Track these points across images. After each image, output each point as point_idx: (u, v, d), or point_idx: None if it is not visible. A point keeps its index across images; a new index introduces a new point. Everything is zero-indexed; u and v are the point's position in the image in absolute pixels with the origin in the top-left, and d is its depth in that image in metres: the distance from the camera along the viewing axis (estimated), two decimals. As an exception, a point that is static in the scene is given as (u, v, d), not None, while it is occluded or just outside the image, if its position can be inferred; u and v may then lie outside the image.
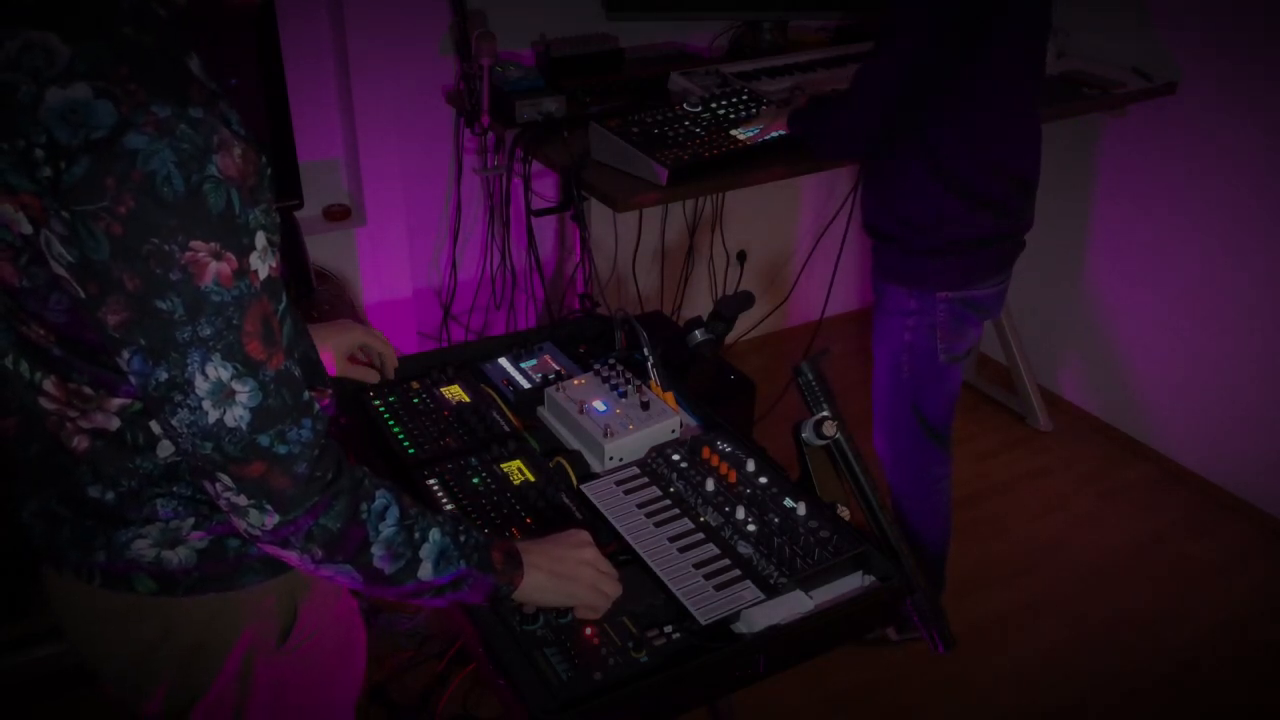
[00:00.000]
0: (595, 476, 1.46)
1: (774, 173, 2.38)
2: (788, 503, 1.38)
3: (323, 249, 2.67)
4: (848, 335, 3.72)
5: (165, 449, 1.06)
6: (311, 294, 2.48)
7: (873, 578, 1.31)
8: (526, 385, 1.68)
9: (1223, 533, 2.93)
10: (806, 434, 1.43)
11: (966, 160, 2.00)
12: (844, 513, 1.40)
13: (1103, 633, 2.57)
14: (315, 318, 2.44)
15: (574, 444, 1.54)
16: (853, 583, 1.31)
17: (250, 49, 2.33)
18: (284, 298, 1.01)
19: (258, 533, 1.00)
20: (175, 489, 1.08)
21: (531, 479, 1.44)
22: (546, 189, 3.02)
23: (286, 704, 1.24)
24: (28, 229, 0.90)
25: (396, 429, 1.56)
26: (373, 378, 1.62)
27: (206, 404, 0.93)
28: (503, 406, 1.62)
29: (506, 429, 1.57)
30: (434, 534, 1.09)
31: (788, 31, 3.09)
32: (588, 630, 1.21)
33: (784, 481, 1.43)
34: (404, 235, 2.81)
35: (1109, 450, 3.26)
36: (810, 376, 1.46)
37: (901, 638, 2.46)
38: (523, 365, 1.74)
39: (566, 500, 1.40)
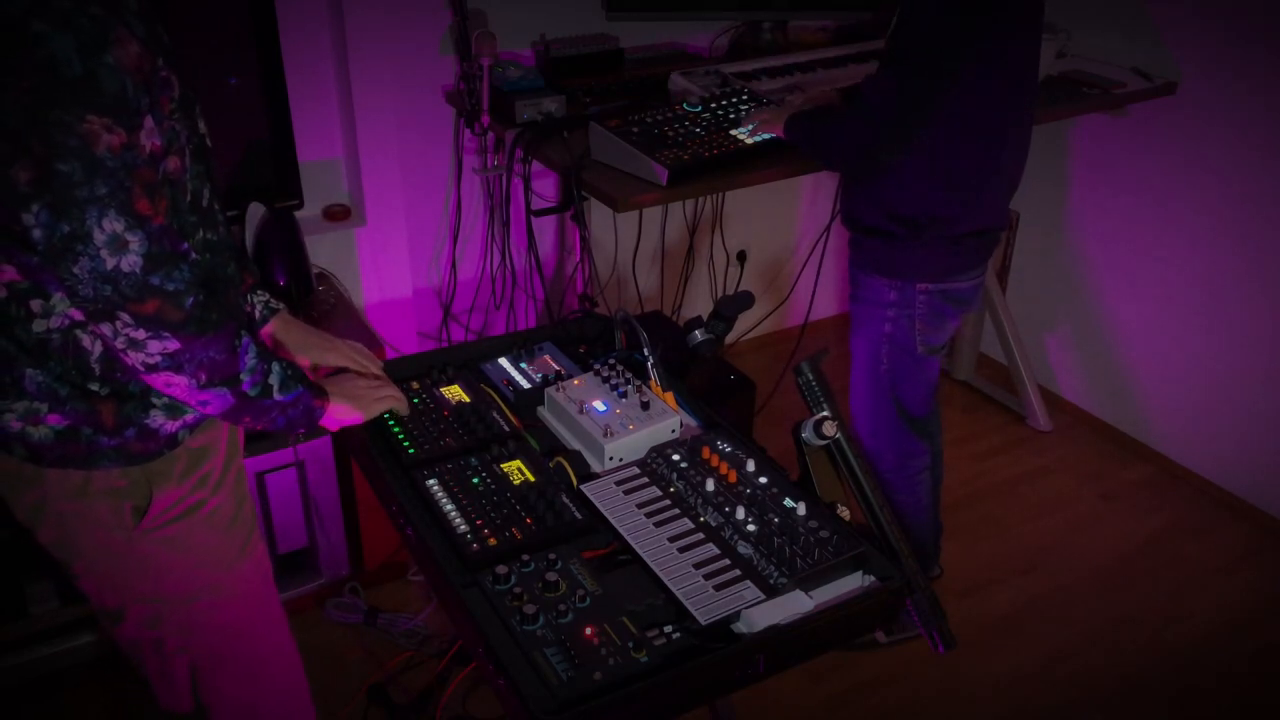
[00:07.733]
0: (595, 476, 1.46)
1: (774, 173, 2.38)
2: (788, 503, 1.38)
3: (323, 249, 2.66)
4: (848, 335, 3.71)
5: (39, 325, 1.25)
6: (311, 294, 2.48)
7: (873, 578, 1.31)
8: (526, 385, 1.68)
9: (1223, 533, 2.93)
10: (806, 434, 1.43)
11: (965, 160, 2.01)
12: (844, 513, 1.40)
13: (1102, 633, 2.57)
14: (315, 318, 2.44)
15: (574, 444, 1.54)
16: (852, 583, 1.31)
17: (250, 49, 2.33)
18: (160, 174, 1.20)
19: (156, 359, 1.20)
20: (40, 370, 1.27)
21: (531, 479, 1.44)
22: (546, 189, 3.02)
23: (168, 584, 1.45)
24: None
25: (396, 429, 1.56)
26: None
27: (104, 253, 1.13)
28: (503, 406, 1.62)
29: (506, 429, 1.57)
30: (274, 365, 1.33)
31: (788, 31, 3.09)
32: (588, 630, 1.21)
33: (784, 481, 1.43)
34: (404, 235, 2.80)
35: (1109, 450, 3.26)
36: (810, 376, 1.47)
37: (890, 640, 2.46)
38: (523, 365, 1.74)
39: (566, 500, 1.40)
